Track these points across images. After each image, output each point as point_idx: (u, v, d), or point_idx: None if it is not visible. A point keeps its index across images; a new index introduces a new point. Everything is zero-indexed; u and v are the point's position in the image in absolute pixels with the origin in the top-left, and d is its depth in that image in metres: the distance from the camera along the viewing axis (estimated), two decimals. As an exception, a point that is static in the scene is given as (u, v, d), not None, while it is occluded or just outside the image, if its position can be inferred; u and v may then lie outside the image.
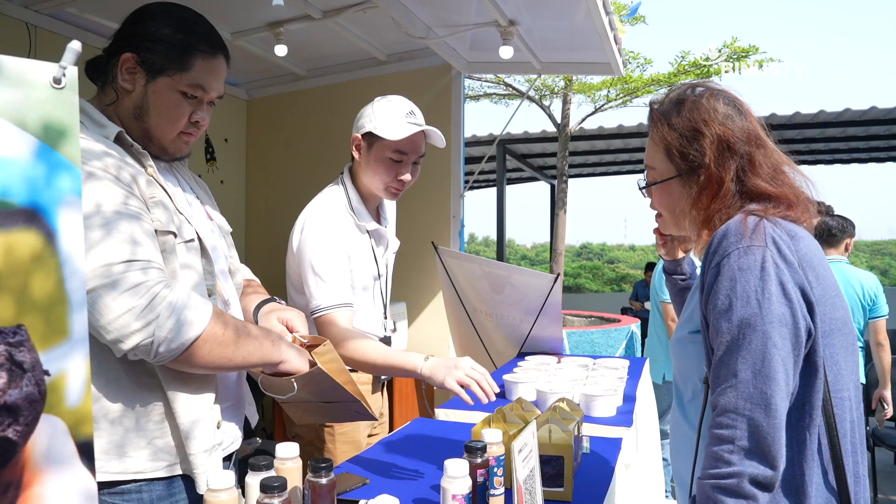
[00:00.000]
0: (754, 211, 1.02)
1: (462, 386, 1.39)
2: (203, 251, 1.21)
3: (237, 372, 1.29)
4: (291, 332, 1.36)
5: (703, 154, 1.06)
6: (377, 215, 1.86)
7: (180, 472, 1.15)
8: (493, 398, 1.37)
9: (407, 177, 1.70)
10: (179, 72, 1.14)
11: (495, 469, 1.17)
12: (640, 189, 1.21)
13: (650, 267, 8.65)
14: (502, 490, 1.17)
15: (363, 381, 1.84)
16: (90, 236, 0.99)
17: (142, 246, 1.04)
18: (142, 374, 1.11)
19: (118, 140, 1.13)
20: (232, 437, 1.27)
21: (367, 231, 1.78)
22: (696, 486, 0.94)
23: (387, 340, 1.84)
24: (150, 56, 1.13)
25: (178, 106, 1.16)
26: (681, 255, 1.48)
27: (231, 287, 1.35)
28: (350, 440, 1.80)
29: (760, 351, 0.91)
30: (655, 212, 1.24)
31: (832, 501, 0.95)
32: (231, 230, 1.41)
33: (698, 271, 1.15)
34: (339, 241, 1.69)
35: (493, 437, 1.20)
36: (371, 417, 1.35)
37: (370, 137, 1.68)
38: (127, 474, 1.09)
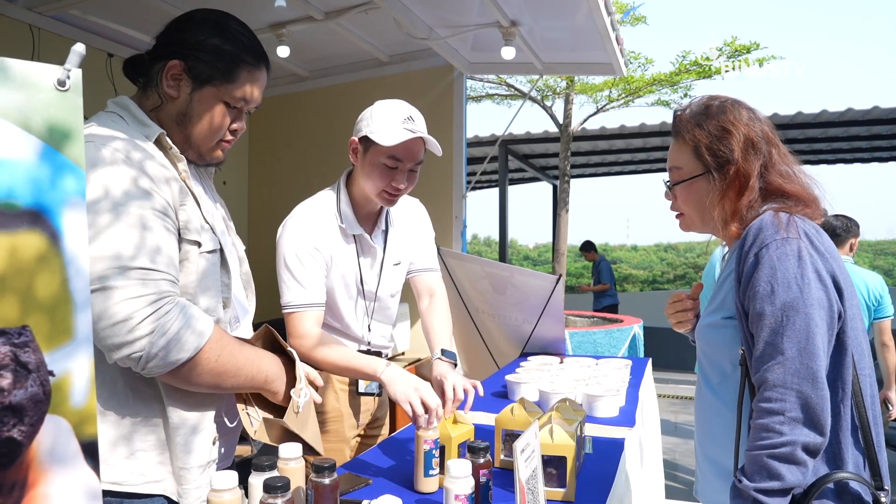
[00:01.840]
0: (782, 208, 1.13)
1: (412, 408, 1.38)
2: (223, 262, 1.20)
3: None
4: None
5: (731, 151, 1.18)
6: (372, 224, 1.80)
7: (161, 493, 1.10)
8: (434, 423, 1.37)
9: (401, 184, 1.65)
10: (226, 83, 1.15)
11: (433, 451, 1.30)
12: (668, 188, 1.30)
13: (585, 247, 8.53)
14: (438, 471, 1.32)
15: (346, 381, 1.82)
16: (107, 234, 0.97)
17: (160, 254, 1.03)
18: (138, 381, 1.08)
19: (157, 142, 1.12)
20: (226, 453, 1.23)
21: (353, 236, 1.73)
22: (744, 458, 1.03)
23: (370, 355, 1.71)
24: (198, 65, 1.13)
25: (220, 115, 1.17)
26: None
27: (244, 298, 1.33)
28: (338, 438, 1.80)
29: (804, 330, 1.01)
30: (675, 213, 1.32)
31: (861, 463, 1.06)
32: (245, 247, 1.39)
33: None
34: (314, 240, 1.66)
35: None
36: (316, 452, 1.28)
37: (366, 142, 1.64)
38: (104, 484, 1.02)
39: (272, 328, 1.23)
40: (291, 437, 1.21)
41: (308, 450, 1.23)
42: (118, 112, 1.14)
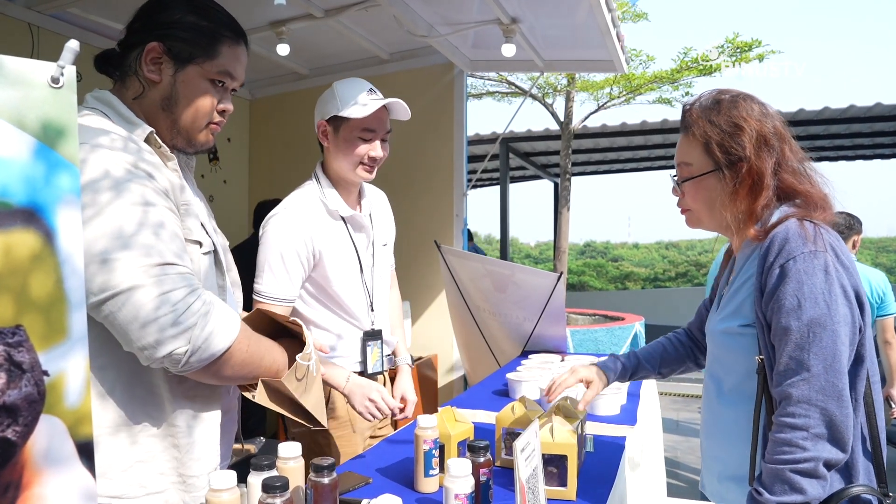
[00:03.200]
0: (805, 215, 1.10)
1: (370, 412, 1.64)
2: (217, 262, 1.18)
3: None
4: None
5: (743, 147, 1.14)
6: (357, 204, 1.84)
7: (162, 503, 1.07)
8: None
9: (377, 153, 1.72)
10: (208, 59, 1.12)
11: (433, 451, 1.28)
12: (677, 184, 1.26)
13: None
14: (438, 470, 1.31)
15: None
16: (132, 237, 0.95)
17: (179, 251, 1.01)
18: (138, 390, 1.05)
19: (146, 141, 1.09)
20: (224, 453, 1.21)
21: (342, 217, 1.76)
22: (763, 469, 1.03)
23: (375, 334, 1.83)
24: (177, 44, 1.10)
25: (206, 94, 1.13)
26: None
27: (232, 300, 1.30)
28: (353, 442, 1.80)
29: (831, 348, 1.01)
30: (681, 209, 1.29)
31: (871, 471, 1.07)
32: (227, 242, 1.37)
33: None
34: (303, 233, 1.68)
35: (428, 422, 1.29)
36: (319, 425, 1.28)
37: (336, 121, 1.70)
38: (102, 498, 1.01)
39: (266, 311, 1.21)
40: (291, 403, 1.19)
41: (309, 420, 1.21)
42: (101, 109, 1.10)
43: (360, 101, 1.67)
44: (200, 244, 1.11)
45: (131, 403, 1.05)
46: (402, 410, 1.78)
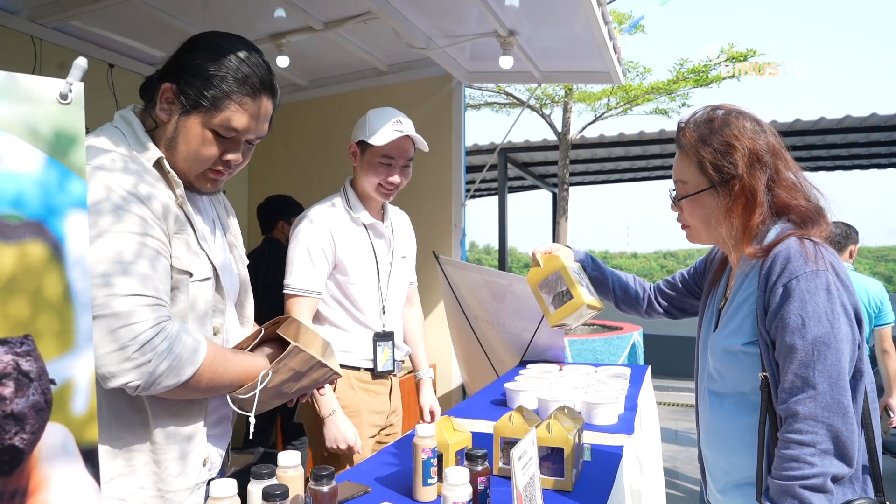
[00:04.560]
0: (803, 234, 1.12)
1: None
2: (218, 287, 1.17)
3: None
4: None
5: (735, 166, 1.16)
6: (379, 216, 1.99)
7: None
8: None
9: (395, 179, 1.89)
10: (212, 110, 1.09)
11: (431, 460, 1.29)
12: (674, 202, 1.29)
13: None
14: (436, 479, 1.31)
15: (363, 379, 1.90)
16: (105, 268, 0.95)
17: (151, 280, 1.00)
18: (123, 407, 1.06)
19: (157, 165, 1.09)
20: (218, 464, 1.21)
21: (364, 224, 1.93)
22: (770, 484, 1.05)
23: (387, 335, 1.95)
24: (188, 90, 1.08)
25: (206, 144, 1.11)
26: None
27: (235, 321, 1.28)
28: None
29: (836, 366, 1.03)
30: (681, 224, 1.31)
31: (869, 481, 1.10)
32: (248, 262, 1.36)
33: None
34: (329, 231, 1.84)
35: (426, 431, 1.29)
36: (336, 375, 1.25)
37: (362, 145, 1.88)
38: None
39: (273, 330, 1.18)
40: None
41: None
42: (121, 128, 1.12)
43: (385, 130, 1.83)
44: (191, 274, 1.10)
45: (117, 422, 1.06)
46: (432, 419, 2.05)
